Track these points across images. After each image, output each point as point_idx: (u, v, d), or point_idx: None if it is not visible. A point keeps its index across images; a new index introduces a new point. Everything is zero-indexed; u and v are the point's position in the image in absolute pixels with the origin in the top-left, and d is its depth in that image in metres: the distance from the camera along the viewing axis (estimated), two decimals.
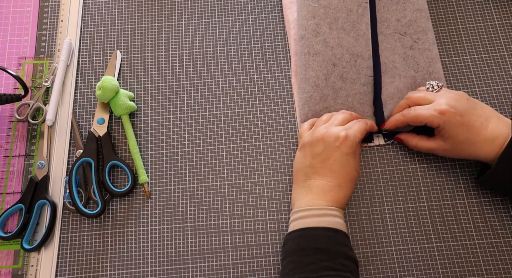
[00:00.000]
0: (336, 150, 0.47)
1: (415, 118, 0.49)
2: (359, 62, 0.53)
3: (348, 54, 0.53)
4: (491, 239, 0.50)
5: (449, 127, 0.47)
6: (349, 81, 0.53)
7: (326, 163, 0.47)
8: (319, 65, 0.53)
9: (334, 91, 0.53)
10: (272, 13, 0.62)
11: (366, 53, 0.53)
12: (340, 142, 0.47)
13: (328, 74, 0.53)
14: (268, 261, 0.50)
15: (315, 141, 0.48)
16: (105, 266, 0.50)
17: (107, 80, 0.54)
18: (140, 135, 0.56)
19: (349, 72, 0.53)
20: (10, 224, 0.52)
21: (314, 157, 0.48)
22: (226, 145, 0.55)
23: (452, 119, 0.47)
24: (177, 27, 0.61)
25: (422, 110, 0.49)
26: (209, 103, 0.57)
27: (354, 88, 0.53)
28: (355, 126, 0.49)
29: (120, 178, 0.54)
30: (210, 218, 0.52)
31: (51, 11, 0.63)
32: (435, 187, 0.53)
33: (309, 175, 0.48)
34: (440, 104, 0.48)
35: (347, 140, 0.47)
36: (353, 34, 0.53)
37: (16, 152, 0.55)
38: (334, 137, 0.47)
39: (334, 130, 0.48)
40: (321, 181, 0.47)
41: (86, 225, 0.52)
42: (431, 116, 0.48)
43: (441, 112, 0.47)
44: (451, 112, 0.47)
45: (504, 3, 0.61)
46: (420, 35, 0.55)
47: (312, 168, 0.48)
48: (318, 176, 0.47)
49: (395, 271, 0.49)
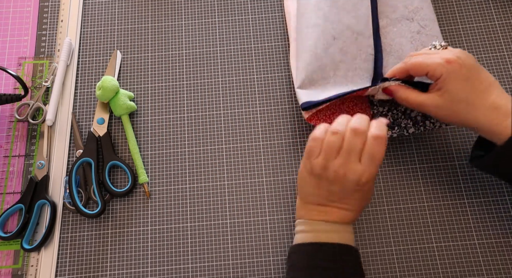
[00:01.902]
0: (355, 192, 0.42)
1: (417, 66, 0.44)
2: (360, 39, 0.51)
3: (348, 31, 0.52)
4: (491, 239, 0.50)
5: (451, 79, 0.42)
6: (349, 55, 0.51)
7: (345, 200, 0.43)
8: (318, 36, 0.52)
9: (334, 63, 0.51)
10: (272, 13, 0.62)
11: (366, 32, 0.52)
12: (362, 185, 0.42)
13: (327, 45, 0.51)
14: (268, 261, 0.50)
15: (332, 181, 0.42)
16: (105, 266, 0.50)
17: (107, 80, 0.54)
18: (140, 135, 0.56)
19: (349, 47, 0.51)
20: (10, 224, 0.52)
21: (331, 193, 0.43)
22: (226, 145, 0.55)
23: (458, 71, 0.42)
24: (177, 27, 0.61)
25: (426, 57, 0.43)
26: (209, 103, 0.57)
27: (355, 63, 0.51)
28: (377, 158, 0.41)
29: (120, 178, 0.54)
30: (210, 218, 0.52)
31: (51, 11, 0.63)
32: (435, 187, 0.53)
33: (324, 203, 0.44)
34: (447, 53, 0.43)
35: (368, 182, 0.42)
36: (353, 14, 0.52)
37: (16, 152, 0.55)
38: (355, 182, 0.41)
39: (354, 175, 0.41)
40: (338, 210, 0.44)
41: (86, 225, 0.52)
42: (434, 64, 0.42)
43: (447, 61, 0.42)
44: (457, 63, 0.42)
45: (504, 3, 0.61)
46: (428, 22, 0.53)
47: (328, 200, 0.44)
48: (335, 206, 0.44)
49: (395, 271, 0.49)
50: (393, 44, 0.52)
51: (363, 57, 0.51)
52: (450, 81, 0.42)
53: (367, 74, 0.51)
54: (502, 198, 0.52)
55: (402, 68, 0.45)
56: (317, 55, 0.51)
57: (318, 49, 0.51)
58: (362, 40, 0.51)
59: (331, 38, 0.51)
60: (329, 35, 0.51)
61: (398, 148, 0.55)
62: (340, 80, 0.51)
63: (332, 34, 0.51)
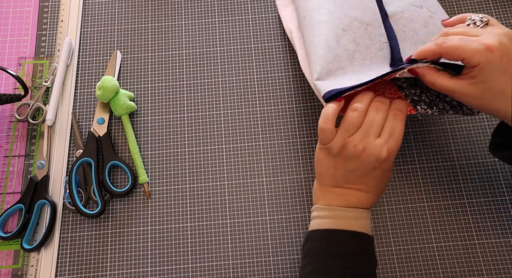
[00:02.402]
0: (375, 169, 0.41)
1: (453, 50, 0.38)
2: (370, 29, 0.49)
3: (356, 22, 0.49)
4: (491, 239, 0.50)
5: (489, 70, 0.37)
6: (362, 45, 0.48)
7: (363, 179, 0.42)
8: (327, 31, 0.49)
9: (348, 53, 0.48)
10: (272, 13, 0.62)
11: (375, 22, 0.49)
12: (381, 162, 0.41)
13: (338, 37, 0.48)
14: (268, 261, 0.50)
15: (350, 157, 0.41)
16: (105, 266, 0.50)
17: (107, 80, 0.54)
18: (140, 135, 0.56)
19: (361, 37, 0.48)
20: (10, 224, 0.52)
21: (348, 173, 0.42)
22: (226, 145, 0.55)
23: (498, 61, 0.37)
24: (177, 27, 0.61)
25: (464, 41, 0.38)
26: (209, 103, 0.57)
27: (370, 52, 0.48)
28: (397, 132, 0.41)
29: (120, 178, 0.54)
30: (210, 218, 0.52)
31: (51, 11, 0.63)
32: (435, 187, 0.53)
33: (341, 184, 0.43)
34: (488, 38, 0.38)
35: (389, 159, 0.41)
36: (358, 7, 0.50)
37: (16, 152, 0.55)
38: (375, 158, 0.40)
39: (374, 149, 0.40)
40: (356, 192, 0.43)
41: (86, 225, 0.52)
42: (474, 50, 0.37)
43: (488, 48, 0.37)
44: (499, 51, 0.37)
45: (504, 3, 0.61)
46: (437, 9, 0.51)
47: (345, 180, 0.43)
48: (353, 187, 0.43)
49: (395, 271, 0.49)
50: (406, 30, 0.49)
51: (377, 46, 0.48)
52: (487, 72, 0.37)
53: (385, 62, 0.48)
54: (502, 198, 0.52)
55: (434, 51, 0.40)
56: (329, 47, 0.48)
57: (329, 41, 0.48)
58: (372, 30, 0.49)
59: (341, 30, 0.49)
60: (338, 28, 0.49)
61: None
62: (359, 69, 0.48)
63: (340, 27, 0.49)
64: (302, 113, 0.56)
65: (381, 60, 0.48)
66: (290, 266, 0.50)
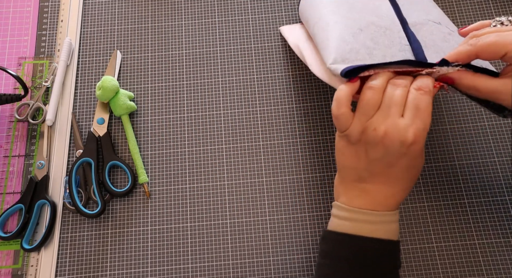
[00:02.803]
0: (402, 157, 0.36)
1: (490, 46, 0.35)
2: (388, 33, 0.44)
3: (374, 26, 0.45)
4: (491, 239, 0.50)
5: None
6: (382, 44, 0.43)
7: (388, 170, 0.37)
8: (343, 29, 0.44)
9: (367, 48, 0.43)
10: (272, 13, 0.62)
11: (394, 28, 0.45)
12: (408, 147, 0.35)
13: (355, 34, 0.44)
14: (268, 261, 0.50)
15: (371, 143, 0.36)
16: (105, 266, 0.50)
17: (107, 80, 0.54)
18: (140, 135, 0.56)
19: (379, 38, 0.44)
20: (10, 224, 0.52)
21: (372, 162, 0.37)
22: (226, 145, 0.55)
23: None
24: (177, 27, 0.61)
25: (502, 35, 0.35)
26: (209, 103, 0.57)
27: (390, 52, 0.43)
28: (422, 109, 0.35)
29: (120, 178, 0.54)
30: (210, 218, 0.52)
31: (51, 11, 0.63)
32: (435, 187, 0.53)
33: (364, 178, 0.39)
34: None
35: (416, 143, 0.35)
36: (376, 14, 0.47)
37: (16, 152, 0.55)
38: (399, 142, 0.35)
39: (397, 132, 0.35)
40: (382, 187, 0.38)
41: (86, 225, 0.52)
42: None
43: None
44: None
45: (504, 3, 0.61)
46: (455, 29, 0.49)
47: (369, 173, 0.38)
48: (378, 181, 0.38)
49: None
50: (426, 41, 0.46)
51: (397, 47, 0.43)
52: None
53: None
54: (502, 198, 0.52)
55: (469, 51, 0.36)
56: (345, 41, 0.43)
57: (345, 36, 0.44)
58: (391, 34, 0.44)
59: (357, 29, 0.44)
60: (354, 28, 0.44)
61: None
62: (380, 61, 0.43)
63: (357, 26, 0.44)
64: (302, 113, 0.56)
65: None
66: (290, 266, 0.50)
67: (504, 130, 0.55)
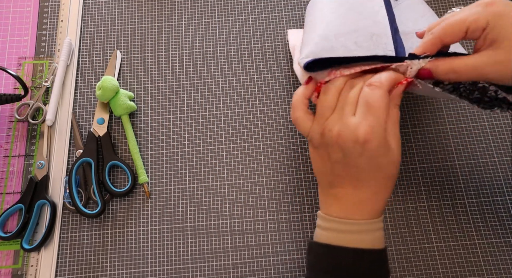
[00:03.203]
0: (359, 157, 0.35)
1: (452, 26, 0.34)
2: (375, 38, 0.43)
3: (362, 30, 0.44)
4: (491, 239, 0.50)
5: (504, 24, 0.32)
6: (364, 48, 0.42)
7: (350, 171, 0.36)
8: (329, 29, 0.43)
9: (347, 50, 0.41)
10: (272, 13, 0.62)
11: (383, 35, 0.44)
12: (362, 145, 0.34)
13: (339, 35, 0.42)
14: (268, 261, 0.50)
15: (329, 145, 0.36)
16: (105, 266, 0.50)
17: (107, 80, 0.54)
18: (140, 135, 0.56)
19: (364, 42, 0.43)
20: (10, 224, 0.52)
21: (334, 164, 0.36)
22: (226, 145, 0.55)
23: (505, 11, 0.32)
24: (177, 27, 0.61)
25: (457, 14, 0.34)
26: (209, 103, 0.57)
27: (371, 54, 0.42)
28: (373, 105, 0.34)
29: (120, 178, 0.54)
30: (210, 218, 0.52)
31: (51, 11, 0.63)
32: (435, 187, 0.53)
33: (333, 183, 0.37)
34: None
35: (370, 141, 0.34)
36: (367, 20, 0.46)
37: (16, 152, 0.55)
38: (352, 141, 0.34)
39: (348, 131, 0.34)
40: (351, 191, 0.36)
41: (86, 225, 0.52)
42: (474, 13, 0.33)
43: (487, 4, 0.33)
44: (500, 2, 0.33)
45: None
46: None
47: (336, 176, 0.37)
48: (346, 185, 0.37)
49: (395, 271, 0.49)
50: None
51: (380, 53, 0.43)
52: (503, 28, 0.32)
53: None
54: (502, 198, 0.52)
55: (434, 39, 0.35)
56: (327, 39, 0.42)
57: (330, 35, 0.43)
58: (378, 39, 0.44)
59: (344, 31, 0.43)
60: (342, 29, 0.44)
61: None
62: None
63: (345, 29, 0.44)
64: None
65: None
66: (290, 266, 0.50)
67: (504, 130, 0.55)
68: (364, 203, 0.36)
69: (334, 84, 0.37)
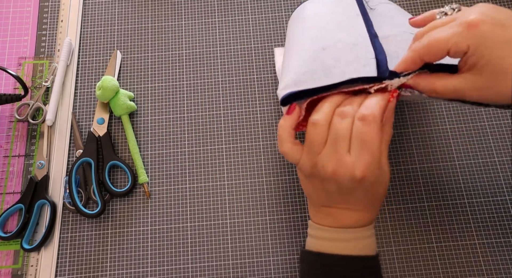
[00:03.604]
0: (356, 189, 0.35)
1: (433, 46, 0.32)
2: (355, 49, 0.43)
3: (340, 43, 0.43)
4: (491, 239, 0.50)
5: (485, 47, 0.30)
6: (343, 62, 0.41)
7: (347, 198, 0.36)
8: (303, 48, 0.43)
9: (325, 68, 0.41)
10: (272, 13, 0.62)
11: (363, 43, 0.43)
12: (358, 182, 0.34)
13: (316, 54, 0.42)
14: (268, 261, 0.50)
15: (323, 178, 0.36)
16: (105, 266, 0.50)
17: (107, 80, 0.54)
18: (140, 135, 0.56)
19: (343, 55, 0.42)
20: (10, 224, 0.52)
21: (329, 194, 0.37)
22: (226, 145, 0.55)
23: (490, 33, 0.30)
24: (177, 27, 0.61)
25: (439, 32, 0.32)
26: (209, 103, 0.57)
27: (352, 67, 0.41)
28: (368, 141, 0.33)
29: (120, 178, 0.54)
30: (210, 218, 0.52)
31: (51, 11, 0.63)
32: (435, 187, 0.53)
33: (327, 204, 0.38)
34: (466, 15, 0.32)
35: (366, 178, 0.34)
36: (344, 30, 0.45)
37: (16, 152, 0.55)
38: (348, 179, 0.34)
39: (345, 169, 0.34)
40: (345, 211, 0.37)
41: (86, 225, 0.52)
42: (455, 35, 0.31)
43: (470, 25, 0.31)
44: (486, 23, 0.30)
45: (504, 3, 0.61)
46: None
47: (330, 200, 0.38)
48: (339, 206, 0.37)
49: (395, 271, 0.49)
50: (399, 51, 0.44)
51: (362, 62, 0.42)
52: (484, 51, 0.31)
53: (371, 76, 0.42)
54: (502, 198, 0.52)
55: (414, 57, 0.34)
56: (304, 60, 0.42)
57: (305, 57, 0.43)
58: (359, 49, 0.43)
59: (320, 49, 0.43)
60: (318, 47, 0.44)
61: (398, 148, 0.55)
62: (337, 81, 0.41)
63: (321, 46, 0.43)
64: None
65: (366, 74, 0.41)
66: (290, 266, 0.50)
67: (504, 130, 0.55)
68: (358, 218, 0.38)
69: (321, 118, 0.35)
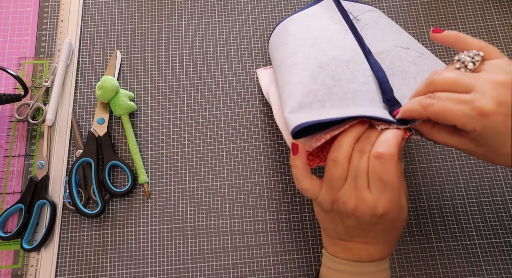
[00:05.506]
0: (376, 225, 0.35)
1: (440, 115, 0.33)
2: (351, 66, 0.43)
3: (335, 61, 0.43)
4: (491, 239, 0.50)
5: (490, 134, 0.31)
6: (343, 80, 0.42)
7: (366, 234, 0.37)
8: (302, 71, 0.43)
9: (326, 88, 0.41)
10: (272, 13, 0.62)
11: (358, 60, 0.44)
12: (379, 218, 0.35)
13: (314, 75, 0.43)
14: (268, 261, 0.50)
15: (343, 214, 0.36)
16: (105, 266, 0.50)
17: (107, 80, 0.54)
18: (140, 135, 0.56)
19: (341, 73, 0.43)
20: (10, 224, 0.52)
21: (349, 228, 0.37)
22: (226, 145, 0.55)
23: (500, 123, 0.31)
24: (177, 27, 0.61)
25: (452, 105, 0.32)
26: (209, 103, 0.57)
27: (352, 86, 0.42)
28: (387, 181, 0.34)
29: (120, 178, 0.54)
30: (210, 218, 0.52)
31: (51, 11, 0.63)
32: (435, 187, 0.53)
33: (344, 238, 0.38)
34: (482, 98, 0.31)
35: (387, 214, 0.34)
36: (337, 48, 0.45)
37: (16, 152, 0.55)
38: (369, 215, 0.34)
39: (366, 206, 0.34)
40: (363, 246, 0.37)
41: (86, 225, 0.52)
42: (464, 117, 0.31)
43: (481, 113, 0.31)
44: (499, 113, 0.30)
45: (504, 3, 0.61)
46: (425, 52, 0.47)
47: (348, 235, 0.38)
48: (358, 241, 0.38)
49: (395, 271, 0.49)
50: (394, 67, 0.44)
51: (360, 80, 0.42)
52: (489, 136, 0.31)
53: (371, 94, 0.42)
54: (502, 198, 0.52)
55: (420, 112, 0.34)
56: (303, 84, 0.42)
57: (304, 79, 0.43)
58: (354, 66, 0.43)
59: (317, 68, 0.43)
60: (314, 67, 0.43)
61: None
62: (339, 103, 0.41)
63: (318, 65, 0.43)
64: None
65: (366, 94, 0.42)
66: (290, 266, 0.50)
67: None
68: (376, 253, 0.38)
69: (340, 155, 0.35)
